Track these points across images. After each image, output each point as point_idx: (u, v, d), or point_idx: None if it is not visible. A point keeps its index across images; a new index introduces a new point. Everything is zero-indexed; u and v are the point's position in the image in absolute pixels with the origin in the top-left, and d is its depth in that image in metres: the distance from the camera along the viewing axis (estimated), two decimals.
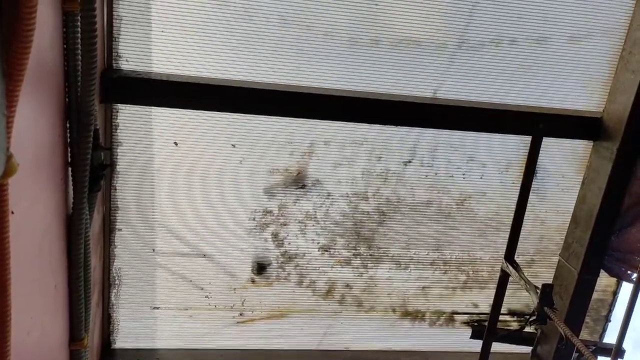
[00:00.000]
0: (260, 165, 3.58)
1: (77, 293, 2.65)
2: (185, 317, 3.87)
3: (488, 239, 4.00)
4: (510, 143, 3.75)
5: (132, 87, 3.17)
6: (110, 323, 3.78)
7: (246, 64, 3.32)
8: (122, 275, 3.69)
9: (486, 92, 3.57)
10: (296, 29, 3.30)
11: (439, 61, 3.48)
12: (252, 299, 3.91)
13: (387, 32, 3.38)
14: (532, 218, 3.92)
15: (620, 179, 3.52)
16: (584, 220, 3.70)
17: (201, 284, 3.82)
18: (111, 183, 3.45)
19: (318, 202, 3.73)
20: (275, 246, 3.80)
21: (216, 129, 3.46)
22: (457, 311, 4.19)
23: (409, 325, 4.17)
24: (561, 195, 3.91)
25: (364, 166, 3.68)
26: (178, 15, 3.18)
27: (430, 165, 3.73)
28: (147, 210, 3.57)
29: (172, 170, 3.50)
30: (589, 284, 3.76)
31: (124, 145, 3.39)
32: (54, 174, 2.36)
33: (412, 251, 3.95)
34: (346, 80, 3.43)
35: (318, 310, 4.02)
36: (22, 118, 1.83)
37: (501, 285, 3.81)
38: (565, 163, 3.83)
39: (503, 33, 3.47)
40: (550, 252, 4.05)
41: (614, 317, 4.24)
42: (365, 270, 3.97)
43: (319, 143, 3.58)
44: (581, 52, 3.56)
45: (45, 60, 2.14)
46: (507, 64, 3.54)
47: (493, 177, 3.83)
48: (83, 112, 2.43)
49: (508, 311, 4.23)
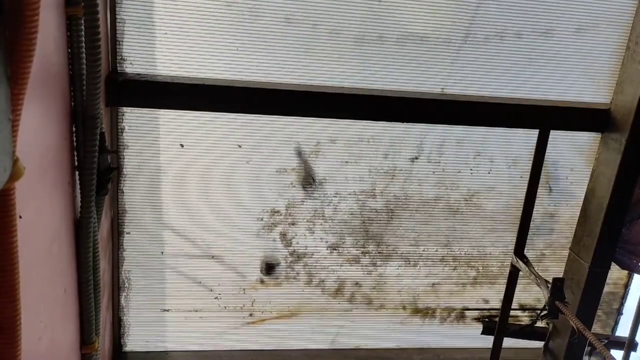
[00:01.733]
0: (267, 164, 3.57)
1: (86, 297, 2.65)
2: (195, 318, 3.87)
3: (497, 234, 3.97)
4: (518, 137, 3.73)
5: (137, 90, 3.16)
6: (121, 326, 3.78)
7: (251, 64, 3.31)
8: (132, 278, 3.69)
9: (492, 87, 3.56)
10: (301, 28, 3.29)
11: (445, 56, 3.46)
12: (261, 300, 3.91)
13: (392, 29, 3.37)
14: (541, 212, 3.90)
15: (629, 170, 3.49)
16: (594, 213, 3.67)
17: (210, 285, 3.82)
18: (118, 186, 3.45)
19: (326, 201, 3.72)
20: (283, 246, 3.80)
21: (222, 130, 3.46)
22: (467, 307, 4.17)
23: (419, 322, 4.16)
24: (570, 188, 3.88)
25: (371, 163, 3.66)
26: (181, 17, 3.18)
27: (438, 162, 3.71)
28: (155, 213, 3.57)
29: (178, 172, 3.50)
30: (600, 277, 3.74)
31: (130, 148, 3.39)
32: (61, 177, 2.36)
33: (421, 248, 3.93)
34: (353, 78, 3.41)
35: (328, 309, 4.01)
36: (28, 122, 1.83)
37: (511, 280, 3.79)
38: (573, 156, 3.81)
39: (508, 26, 3.45)
40: (561, 246, 4.02)
41: (626, 310, 4.21)
42: (375, 268, 3.96)
43: (326, 141, 3.57)
44: (587, 44, 3.54)
45: (50, 64, 2.14)
46: (513, 57, 3.52)
47: (501, 171, 3.81)
48: (89, 115, 2.43)
49: (519, 306, 4.21)
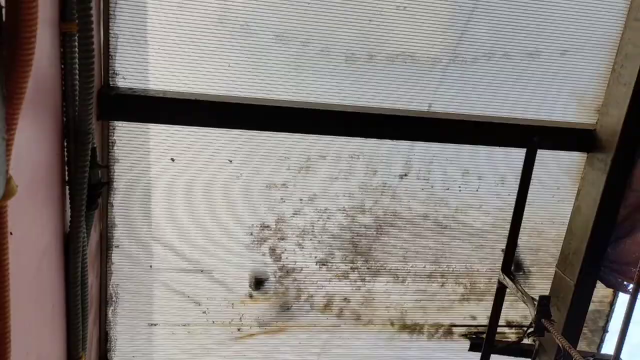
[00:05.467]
0: (257, 180, 3.59)
1: (74, 312, 2.64)
2: (183, 333, 3.86)
3: (485, 251, 4.00)
4: (505, 155, 3.77)
5: (129, 105, 3.18)
6: (108, 341, 3.76)
7: (243, 80, 3.34)
8: (119, 292, 3.68)
9: (480, 106, 3.61)
10: (292, 45, 3.33)
11: (434, 75, 3.51)
12: (250, 314, 3.90)
13: (382, 48, 3.41)
14: (528, 230, 3.94)
15: (614, 190, 3.55)
16: (580, 232, 3.71)
17: (199, 300, 3.81)
18: (108, 200, 3.45)
19: (315, 216, 3.73)
20: (272, 260, 3.80)
21: (213, 145, 3.47)
22: (455, 323, 4.19)
23: (407, 338, 4.17)
24: (557, 207, 3.93)
25: (361, 179, 3.69)
26: (174, 32, 3.20)
27: (427, 179, 3.75)
28: (145, 227, 3.57)
29: (169, 187, 3.51)
30: (585, 295, 3.78)
31: (121, 162, 3.40)
32: (52, 193, 2.36)
33: (409, 264, 3.96)
34: (343, 95, 3.45)
35: (316, 324, 4.02)
36: (21, 139, 1.83)
37: (498, 297, 3.82)
38: (560, 175, 3.85)
39: (496, 47, 3.50)
40: (547, 264, 4.06)
41: (612, 327, 4.25)
42: (363, 284, 3.97)
43: (315, 157, 3.60)
44: (573, 65, 3.60)
45: (43, 80, 2.15)
46: (500, 77, 3.57)
47: (489, 189, 3.85)
48: (81, 131, 2.44)
49: (506, 323, 4.23)
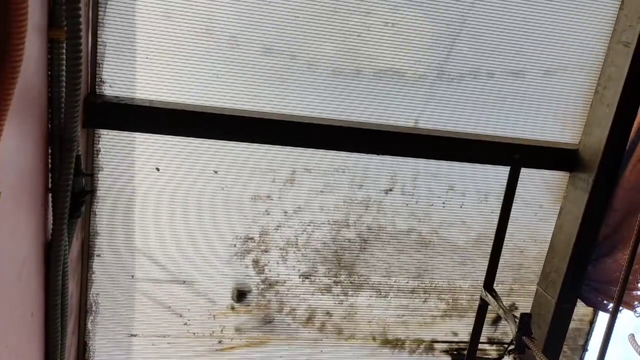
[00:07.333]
0: (242, 191, 3.58)
1: (53, 321, 2.60)
2: (163, 344, 3.81)
3: (467, 267, 4.03)
4: (490, 173, 3.81)
5: (115, 113, 3.16)
6: (86, 351, 3.70)
7: (230, 91, 3.34)
8: (100, 302, 3.63)
9: (465, 123, 3.64)
10: (281, 58, 3.34)
11: (420, 91, 3.54)
12: (231, 327, 3.87)
13: (369, 63, 3.44)
14: (510, 247, 3.97)
15: (596, 209, 3.60)
16: (562, 250, 3.75)
17: (180, 311, 3.77)
18: (91, 208, 3.42)
19: (300, 229, 3.73)
20: (255, 273, 3.79)
21: (198, 155, 3.46)
22: (436, 339, 4.19)
23: (389, 353, 4.16)
24: (539, 225, 3.97)
25: (345, 194, 3.70)
26: (162, 42, 3.20)
27: (411, 194, 3.77)
28: (127, 236, 3.53)
29: (153, 196, 3.48)
30: (566, 313, 3.81)
31: (105, 170, 3.37)
32: (35, 200, 2.33)
33: (392, 279, 3.96)
34: (329, 109, 3.47)
35: (298, 337, 4.00)
36: (5, 145, 1.82)
37: (480, 313, 3.83)
38: (543, 193, 3.90)
39: (482, 65, 3.55)
40: (529, 281, 4.09)
41: (591, 346, 4.28)
42: (346, 298, 3.97)
43: (301, 170, 3.60)
44: (556, 85, 3.66)
45: (29, 87, 2.13)
46: (486, 95, 3.61)
47: (473, 206, 3.88)
48: (66, 138, 2.42)
49: (487, 340, 4.25)
